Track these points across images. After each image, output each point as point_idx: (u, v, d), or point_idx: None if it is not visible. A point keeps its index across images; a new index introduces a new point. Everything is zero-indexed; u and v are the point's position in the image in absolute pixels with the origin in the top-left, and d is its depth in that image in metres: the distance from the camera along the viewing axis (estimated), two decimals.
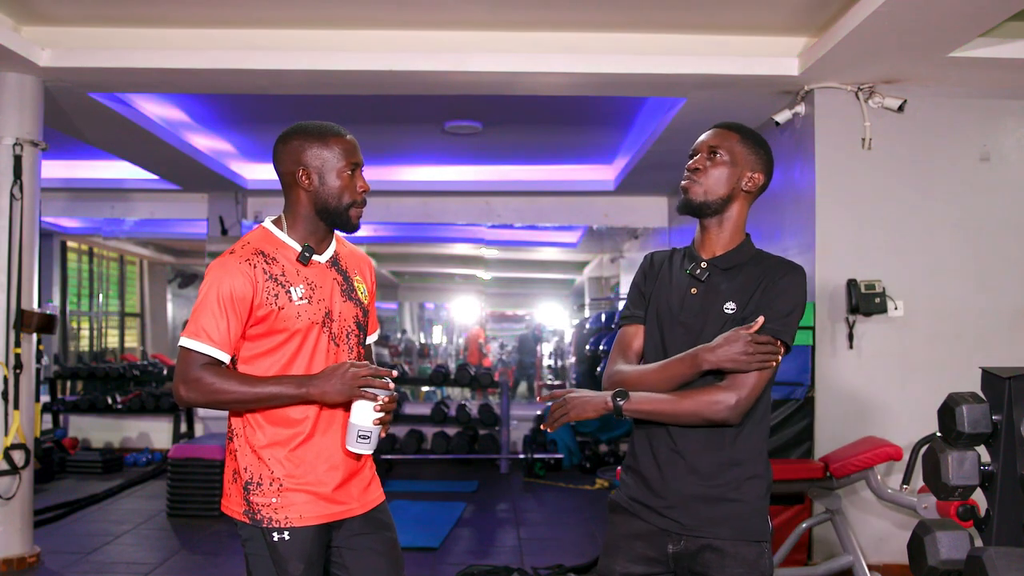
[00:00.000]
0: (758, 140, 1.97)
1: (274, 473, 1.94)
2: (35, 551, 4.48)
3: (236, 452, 1.99)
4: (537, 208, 8.13)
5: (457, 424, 7.59)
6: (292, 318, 1.94)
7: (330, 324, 1.99)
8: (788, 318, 1.86)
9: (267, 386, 1.90)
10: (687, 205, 1.95)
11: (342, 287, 2.04)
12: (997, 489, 1.99)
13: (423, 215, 8.15)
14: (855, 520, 4.25)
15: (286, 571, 1.93)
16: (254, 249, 1.96)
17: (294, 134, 2.00)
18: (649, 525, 1.90)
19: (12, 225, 4.34)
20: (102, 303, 11.18)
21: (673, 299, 1.95)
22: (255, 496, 1.95)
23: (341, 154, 1.97)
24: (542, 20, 4.14)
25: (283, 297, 1.93)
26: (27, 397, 4.40)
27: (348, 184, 1.98)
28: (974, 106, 4.52)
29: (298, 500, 1.94)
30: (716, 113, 4.53)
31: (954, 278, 4.47)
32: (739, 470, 1.87)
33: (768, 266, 1.93)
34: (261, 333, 1.95)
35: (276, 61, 4.27)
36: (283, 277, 1.95)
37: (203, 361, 1.90)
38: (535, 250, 12.15)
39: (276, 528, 1.93)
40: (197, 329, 1.90)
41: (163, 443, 7.93)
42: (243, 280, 1.91)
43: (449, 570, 4.40)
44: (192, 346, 1.90)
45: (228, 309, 1.90)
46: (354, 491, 2.02)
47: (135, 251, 11.45)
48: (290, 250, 1.99)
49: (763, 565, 1.85)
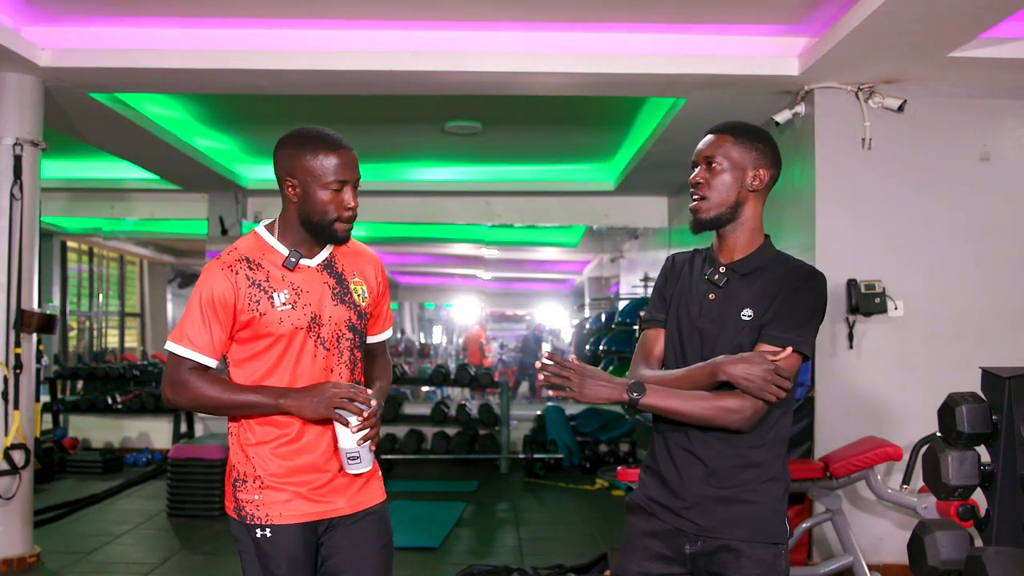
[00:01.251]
0: (754, 135, 1.93)
1: (257, 471, 1.97)
2: (35, 551, 4.47)
3: (230, 450, 2.04)
4: (537, 208, 8.13)
5: (457, 424, 7.59)
6: (274, 323, 1.94)
7: (318, 329, 1.98)
8: (806, 328, 1.84)
9: (246, 394, 1.93)
10: (699, 224, 1.92)
11: (334, 291, 2.02)
12: (997, 489, 1.99)
13: (423, 215, 8.15)
14: (855, 520, 4.25)
15: (269, 569, 1.95)
16: (239, 256, 1.97)
17: (288, 141, 1.97)
18: (666, 525, 1.90)
19: (12, 225, 4.34)
20: (102, 303, 11.19)
21: (692, 304, 1.93)
22: (240, 493, 1.98)
23: (330, 169, 1.91)
24: (542, 20, 4.14)
25: (265, 303, 1.94)
26: (27, 397, 4.40)
27: (332, 200, 1.93)
28: (974, 106, 4.51)
29: (280, 498, 1.96)
30: (716, 113, 4.53)
31: (954, 278, 4.47)
32: (756, 472, 1.86)
33: (787, 271, 1.89)
34: (247, 338, 1.96)
35: (276, 61, 4.27)
36: (266, 283, 1.95)
37: (190, 365, 1.94)
38: (535, 250, 12.16)
39: (259, 525, 1.95)
40: (181, 334, 1.94)
41: (163, 443, 7.93)
42: (224, 286, 1.92)
43: (449, 570, 4.40)
44: (175, 350, 1.94)
45: (210, 314, 1.92)
46: (342, 491, 2.02)
47: (135, 251, 11.45)
48: (278, 255, 1.99)
49: (779, 566, 1.85)
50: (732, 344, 1.86)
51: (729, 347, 1.86)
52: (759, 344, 1.83)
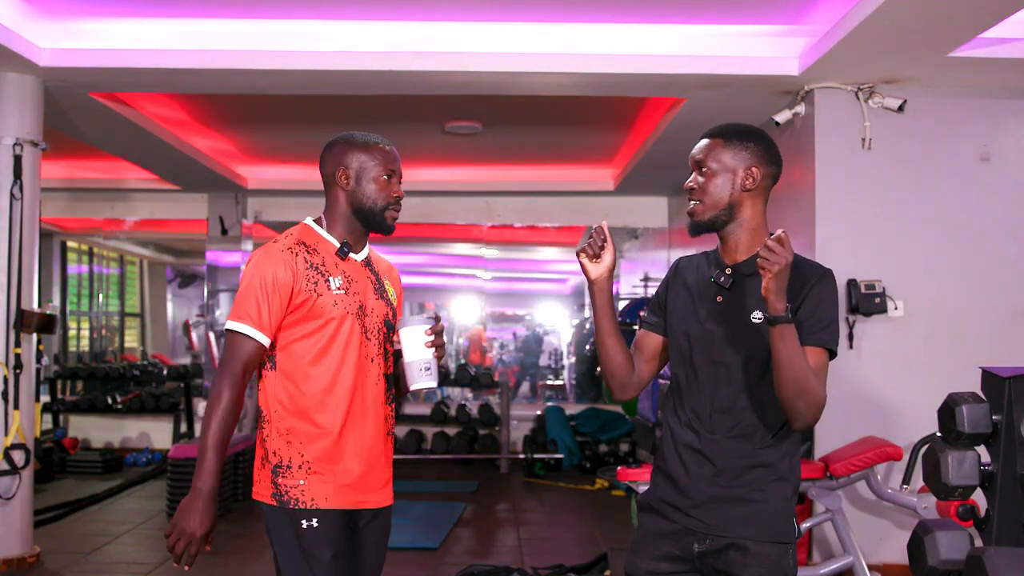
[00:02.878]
0: (745, 135, 1.93)
1: (304, 456, 2.00)
2: (35, 551, 4.47)
3: (266, 438, 2.05)
4: (537, 208, 8.13)
5: (457, 424, 7.59)
6: (329, 306, 2.02)
7: (363, 318, 2.07)
8: (832, 326, 1.85)
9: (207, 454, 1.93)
10: (696, 227, 1.94)
11: (375, 286, 2.14)
12: (997, 489, 1.99)
13: (423, 215, 8.15)
14: (855, 520, 4.24)
15: (314, 557, 1.96)
16: (297, 240, 2.06)
17: (340, 140, 2.12)
18: (676, 525, 1.90)
19: (12, 225, 4.34)
20: (102, 303, 11.19)
21: (700, 307, 1.93)
22: (283, 479, 2.00)
23: (380, 160, 2.09)
24: (542, 20, 4.14)
25: (322, 285, 2.02)
26: (27, 397, 4.40)
27: (384, 188, 2.09)
28: (974, 106, 4.51)
29: (325, 484, 2.00)
30: (716, 113, 4.53)
31: (954, 278, 4.47)
32: (764, 471, 1.86)
33: (797, 272, 1.85)
34: (299, 319, 2.02)
35: (276, 61, 4.27)
36: (323, 267, 2.05)
37: (248, 350, 1.96)
38: (535, 250, 12.15)
39: (303, 511, 1.97)
40: (241, 312, 1.99)
41: (163, 443, 7.93)
42: (284, 268, 1.99)
43: (449, 570, 4.40)
44: (237, 327, 1.98)
45: (270, 294, 1.99)
46: (374, 487, 2.09)
47: (135, 251, 11.44)
48: (329, 245, 2.09)
49: (787, 565, 1.86)
50: (742, 347, 1.86)
51: (738, 350, 1.86)
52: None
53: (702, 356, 1.90)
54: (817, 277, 1.88)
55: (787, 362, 1.74)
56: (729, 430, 1.87)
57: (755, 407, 1.85)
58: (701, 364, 1.90)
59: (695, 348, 1.92)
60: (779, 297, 1.72)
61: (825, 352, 1.84)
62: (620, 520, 5.55)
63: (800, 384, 1.75)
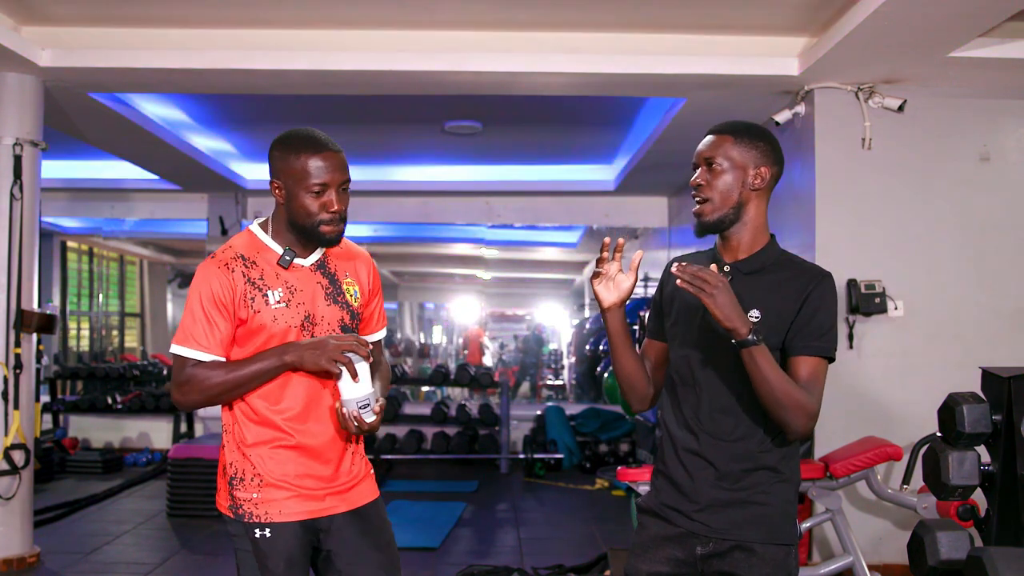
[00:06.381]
0: (754, 133, 1.92)
1: (256, 469, 1.97)
2: (35, 551, 4.47)
3: (225, 448, 2.03)
4: (537, 208, 8.13)
5: (457, 424, 7.58)
6: (268, 322, 1.95)
7: (311, 328, 1.99)
8: (831, 332, 1.83)
9: (250, 365, 1.93)
10: (704, 228, 1.91)
11: (327, 291, 2.03)
12: (997, 489, 1.99)
13: (423, 215, 8.15)
14: (855, 520, 4.24)
15: (267, 568, 1.95)
16: (235, 253, 1.99)
17: (277, 143, 1.99)
18: (679, 529, 1.90)
19: (12, 225, 4.34)
20: (102, 303, 11.18)
21: (697, 307, 1.90)
22: (238, 491, 1.98)
23: (312, 172, 1.92)
24: (542, 20, 4.14)
25: (259, 301, 1.95)
26: (27, 397, 4.40)
27: (315, 203, 1.94)
28: (974, 106, 4.51)
29: (278, 496, 1.96)
30: (716, 113, 4.53)
31: (954, 278, 4.47)
32: (766, 474, 1.86)
33: (797, 273, 1.87)
34: (241, 336, 1.97)
35: (276, 61, 4.27)
36: (261, 281, 1.97)
37: (192, 363, 1.93)
38: (535, 250, 12.15)
39: (258, 524, 1.95)
40: (185, 336, 1.94)
41: (163, 443, 7.93)
42: (222, 283, 1.94)
43: (449, 570, 4.40)
44: (182, 352, 1.94)
45: (213, 312, 1.93)
46: (339, 491, 2.03)
47: (135, 251, 11.44)
48: (272, 253, 2.01)
49: (790, 565, 1.86)
50: None
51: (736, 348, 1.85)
52: (792, 358, 1.81)
53: (700, 357, 1.90)
54: (816, 281, 1.86)
55: (762, 381, 1.73)
56: (729, 432, 1.86)
57: (755, 408, 1.83)
58: (699, 365, 1.90)
59: (693, 349, 1.92)
60: (736, 320, 1.70)
61: (822, 361, 1.82)
62: (620, 520, 5.54)
63: (781, 400, 1.73)
